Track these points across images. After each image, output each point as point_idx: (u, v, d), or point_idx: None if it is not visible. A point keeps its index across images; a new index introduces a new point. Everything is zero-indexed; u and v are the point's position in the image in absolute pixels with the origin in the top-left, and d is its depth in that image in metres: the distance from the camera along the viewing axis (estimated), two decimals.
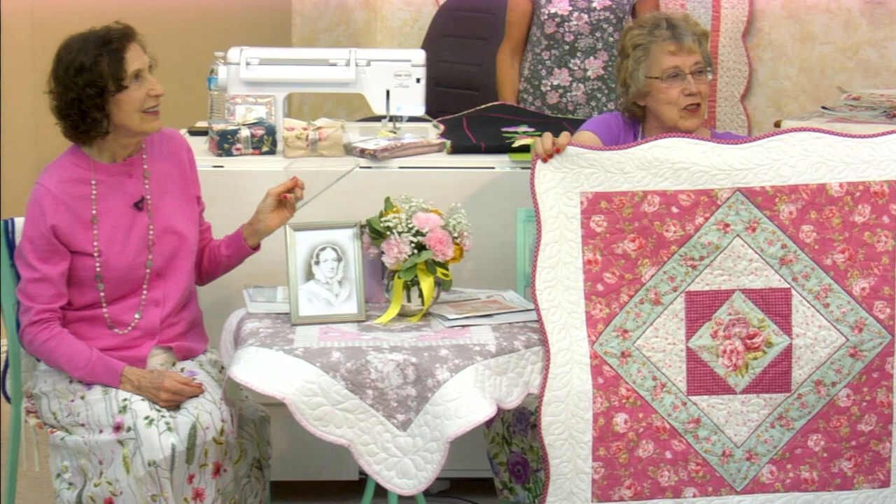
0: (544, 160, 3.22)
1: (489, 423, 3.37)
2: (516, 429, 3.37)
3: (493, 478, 3.50)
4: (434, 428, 3.06)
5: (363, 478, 3.59)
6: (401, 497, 3.14)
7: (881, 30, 5.12)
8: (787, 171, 3.21)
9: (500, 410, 3.12)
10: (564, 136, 3.23)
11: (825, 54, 5.22)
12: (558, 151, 3.21)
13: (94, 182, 3.26)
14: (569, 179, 3.22)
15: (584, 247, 3.21)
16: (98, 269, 3.24)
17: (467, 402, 3.05)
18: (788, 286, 3.20)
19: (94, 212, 3.25)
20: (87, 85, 3.16)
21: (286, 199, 3.35)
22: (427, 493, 3.23)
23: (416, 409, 3.09)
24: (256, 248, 3.43)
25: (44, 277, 3.20)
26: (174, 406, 3.15)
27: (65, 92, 3.19)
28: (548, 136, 3.23)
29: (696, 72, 3.43)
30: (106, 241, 3.25)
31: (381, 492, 3.18)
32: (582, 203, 3.21)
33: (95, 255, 3.24)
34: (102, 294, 3.26)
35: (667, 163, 3.21)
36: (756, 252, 3.20)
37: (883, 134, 3.26)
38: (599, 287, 3.20)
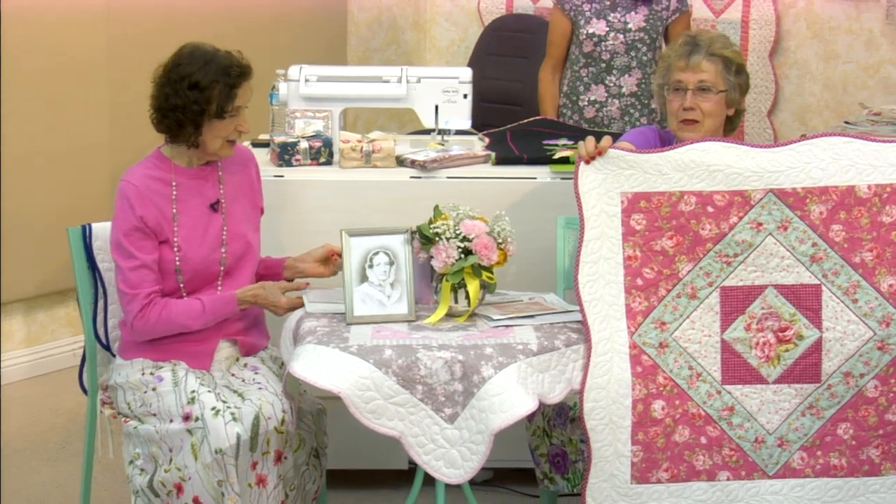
0: (587, 162, 3.22)
1: (530, 417, 3.37)
2: (556, 422, 3.37)
3: (534, 468, 3.49)
4: (479, 421, 3.06)
5: (412, 467, 3.61)
6: (448, 486, 3.15)
7: None
8: (817, 173, 3.20)
9: (541, 405, 3.13)
10: (606, 139, 3.23)
11: (848, 72, 5.20)
12: (600, 154, 3.21)
13: (174, 183, 3.30)
14: (610, 180, 3.22)
15: (624, 243, 3.21)
16: (178, 263, 3.28)
17: (510, 397, 3.06)
18: (819, 282, 3.19)
19: (174, 210, 3.29)
20: (194, 101, 3.19)
21: (334, 259, 3.38)
22: (472, 482, 3.23)
23: (462, 404, 3.09)
24: (290, 280, 3.45)
25: (143, 264, 3.23)
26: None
27: (172, 95, 3.21)
28: (590, 139, 3.23)
29: (699, 89, 3.43)
30: (185, 237, 3.29)
31: (429, 480, 3.19)
32: (622, 202, 3.21)
33: (175, 248, 3.28)
34: (182, 285, 3.30)
35: (702, 165, 3.20)
36: (788, 250, 3.19)
37: None
38: (639, 281, 3.20)
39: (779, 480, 3.20)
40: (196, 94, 3.19)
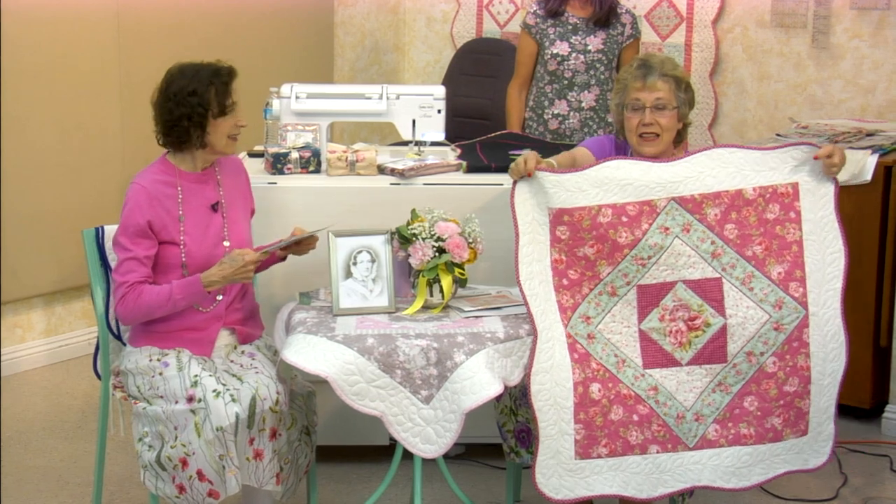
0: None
1: (498, 397, 3.37)
2: (521, 402, 3.38)
3: (501, 443, 3.50)
4: (452, 402, 3.07)
5: (393, 443, 3.61)
6: (424, 459, 3.16)
7: (825, 70, 5.12)
8: (710, 181, 3.21)
9: (506, 387, 3.13)
10: (532, 159, 3.21)
11: (779, 90, 5.22)
12: (529, 175, 3.22)
13: (179, 187, 3.29)
14: (539, 196, 3.21)
15: (551, 248, 3.20)
16: (183, 258, 3.27)
17: (480, 380, 3.07)
18: (719, 276, 3.20)
19: (180, 211, 3.28)
20: (198, 105, 3.20)
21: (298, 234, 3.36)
22: (446, 456, 3.24)
23: (437, 386, 3.10)
24: (284, 258, 3.44)
25: (134, 256, 3.21)
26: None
27: (176, 107, 3.22)
28: (520, 161, 3.21)
29: (656, 107, 3.39)
30: (190, 235, 3.28)
31: (407, 455, 3.20)
32: (549, 214, 3.21)
33: (181, 245, 3.27)
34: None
35: (615, 180, 3.20)
36: (692, 249, 3.20)
37: (784, 146, 3.26)
38: (565, 281, 3.20)
39: (698, 451, 3.21)
40: (197, 99, 3.21)
